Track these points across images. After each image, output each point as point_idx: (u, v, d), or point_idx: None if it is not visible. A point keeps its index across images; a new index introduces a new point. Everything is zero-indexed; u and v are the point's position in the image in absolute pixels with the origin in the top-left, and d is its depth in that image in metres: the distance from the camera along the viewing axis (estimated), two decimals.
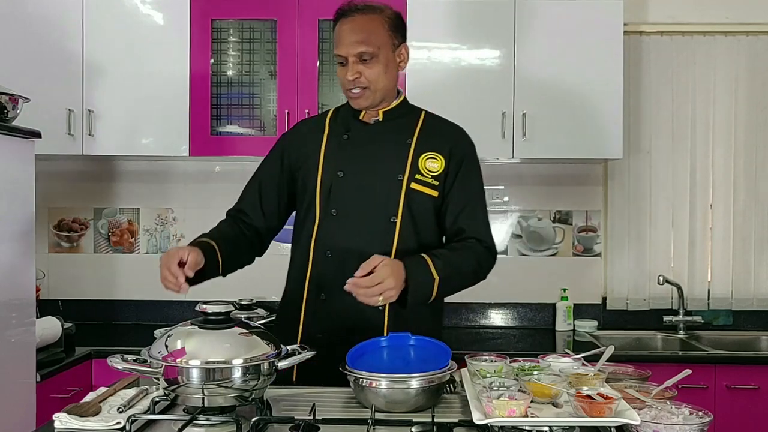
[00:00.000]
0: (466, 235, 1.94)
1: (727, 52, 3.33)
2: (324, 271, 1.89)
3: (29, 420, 2.33)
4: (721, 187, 3.35)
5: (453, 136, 1.99)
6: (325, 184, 1.91)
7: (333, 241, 1.89)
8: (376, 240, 1.87)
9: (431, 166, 1.92)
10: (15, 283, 2.32)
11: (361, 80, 1.87)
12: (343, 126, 1.98)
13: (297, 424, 1.41)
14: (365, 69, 1.87)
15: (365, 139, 1.95)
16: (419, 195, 1.90)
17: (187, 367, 1.42)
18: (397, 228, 1.88)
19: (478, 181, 1.99)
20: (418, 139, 1.94)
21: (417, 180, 1.90)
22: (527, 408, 1.37)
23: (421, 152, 1.92)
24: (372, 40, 1.86)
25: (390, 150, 1.93)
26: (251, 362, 1.44)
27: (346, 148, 1.94)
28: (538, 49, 3.00)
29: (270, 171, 2.02)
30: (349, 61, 1.87)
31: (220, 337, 1.48)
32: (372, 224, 1.89)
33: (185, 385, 1.42)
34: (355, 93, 1.90)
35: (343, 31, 1.87)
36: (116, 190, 3.42)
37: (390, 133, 1.95)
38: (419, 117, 2.00)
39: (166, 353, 1.44)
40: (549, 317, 3.37)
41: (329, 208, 1.90)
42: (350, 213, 1.89)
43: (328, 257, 1.89)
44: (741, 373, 2.74)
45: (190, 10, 3.00)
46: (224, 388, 1.43)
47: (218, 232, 1.93)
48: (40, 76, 2.96)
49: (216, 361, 1.42)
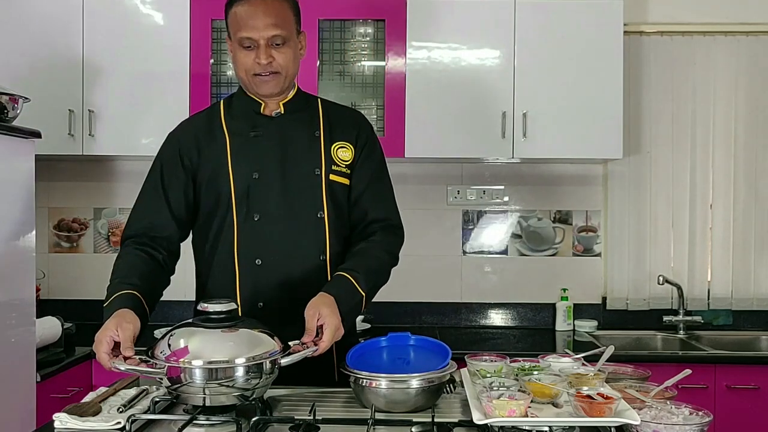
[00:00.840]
0: (370, 218, 1.88)
1: (727, 52, 3.33)
2: (257, 280, 1.79)
3: (29, 420, 2.33)
4: (721, 187, 3.35)
5: (356, 122, 1.94)
6: (240, 188, 1.80)
7: (262, 248, 1.79)
8: (308, 239, 1.81)
9: (343, 155, 1.87)
10: (15, 283, 2.32)
11: (274, 65, 1.78)
12: (245, 122, 1.86)
13: (297, 424, 1.41)
14: (277, 53, 1.78)
15: (273, 134, 1.85)
16: (338, 186, 1.85)
17: (189, 367, 1.41)
18: (326, 223, 1.83)
19: (378, 159, 1.93)
20: (325, 130, 1.88)
21: (334, 171, 1.85)
22: (527, 408, 1.37)
23: (332, 142, 1.87)
24: (285, 24, 1.78)
25: (302, 144, 1.85)
26: (253, 361, 1.43)
27: (256, 147, 1.83)
28: (539, 49, 3.00)
29: (171, 176, 1.84)
30: (260, 45, 1.76)
31: (222, 336, 1.47)
32: (301, 224, 1.81)
33: (188, 384, 1.41)
34: (264, 78, 1.79)
35: (254, 13, 1.76)
36: (116, 190, 3.42)
37: (297, 126, 1.87)
38: (317, 106, 1.93)
39: (169, 353, 1.44)
40: (549, 317, 3.37)
41: (250, 213, 1.79)
42: (275, 216, 1.80)
43: (258, 265, 1.79)
44: (741, 373, 2.74)
45: (190, 10, 3.00)
46: (226, 387, 1.42)
47: (136, 275, 1.73)
48: (41, 77, 2.96)
49: (218, 360, 1.41)
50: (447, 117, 3.01)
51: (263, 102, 1.87)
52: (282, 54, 1.79)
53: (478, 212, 3.42)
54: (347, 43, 3.05)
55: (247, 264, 1.80)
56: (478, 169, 3.40)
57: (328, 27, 3.02)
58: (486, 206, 3.42)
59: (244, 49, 1.79)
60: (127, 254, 1.80)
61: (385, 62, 3.02)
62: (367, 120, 1.99)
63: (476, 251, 3.42)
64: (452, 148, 3.03)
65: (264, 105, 1.87)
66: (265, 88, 1.83)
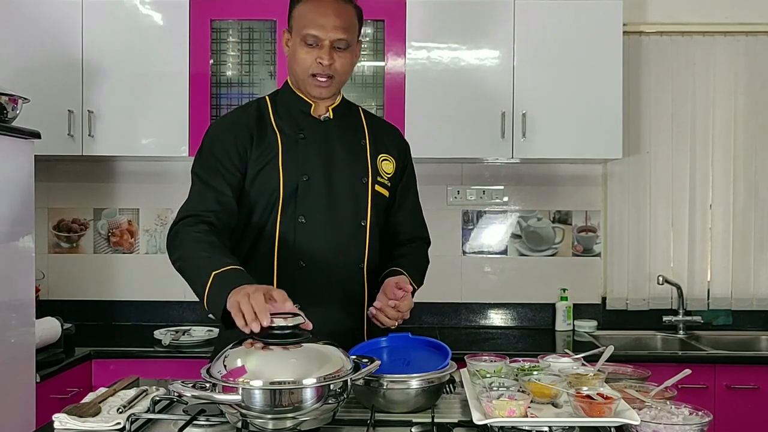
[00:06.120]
0: (413, 235, 2.00)
1: (727, 53, 3.33)
2: (296, 283, 1.75)
3: (29, 420, 2.32)
4: (721, 187, 3.35)
5: (397, 136, 2.00)
6: (289, 188, 1.77)
7: (306, 251, 1.77)
8: (350, 246, 1.82)
9: (387, 167, 1.91)
10: (14, 283, 2.32)
11: (334, 67, 1.77)
12: (294, 122, 1.83)
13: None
14: (339, 57, 1.77)
15: (321, 138, 1.83)
16: (380, 197, 1.89)
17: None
18: (367, 232, 1.85)
19: (415, 180, 2.05)
20: (370, 140, 1.90)
21: (378, 182, 1.88)
22: (527, 408, 1.37)
23: (377, 154, 1.90)
24: (351, 29, 1.78)
25: (348, 151, 1.85)
26: (324, 381, 1.32)
27: (306, 149, 1.81)
28: (538, 49, 3.00)
29: (229, 161, 1.75)
30: (325, 45, 1.75)
31: (289, 353, 1.35)
32: (344, 230, 1.81)
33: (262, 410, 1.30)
34: (322, 81, 1.78)
35: (324, 12, 1.74)
36: (116, 190, 3.42)
37: (343, 132, 1.87)
38: (360, 115, 1.95)
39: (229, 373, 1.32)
40: (548, 317, 3.37)
41: (296, 215, 1.77)
42: (320, 220, 1.79)
43: (302, 267, 1.77)
44: (740, 373, 2.74)
45: (189, 11, 3.00)
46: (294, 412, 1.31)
47: (225, 253, 1.63)
48: (40, 77, 2.96)
49: (284, 381, 1.30)
50: (447, 117, 3.01)
51: (314, 103, 1.86)
52: (342, 59, 1.79)
53: (478, 212, 3.42)
54: None
55: (288, 266, 1.78)
56: (477, 169, 3.40)
57: None
58: (486, 206, 3.42)
59: (307, 46, 1.77)
60: (204, 233, 1.64)
61: (384, 62, 3.02)
62: (403, 136, 2.07)
63: (476, 251, 3.42)
64: (452, 148, 3.03)
65: (314, 106, 1.86)
66: (319, 91, 1.81)
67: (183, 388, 1.32)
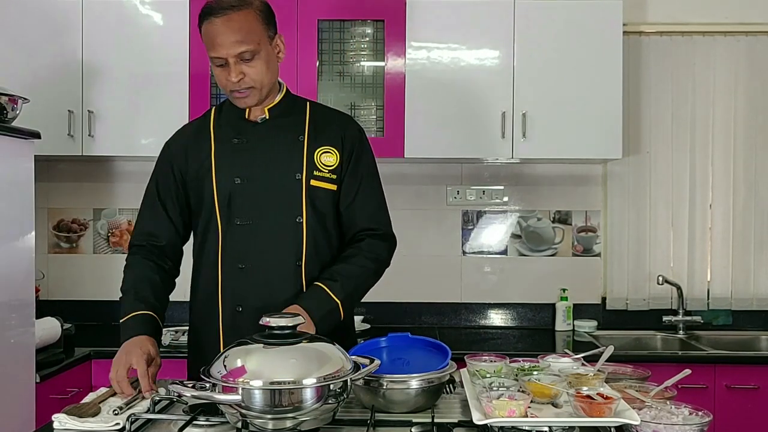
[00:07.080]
0: (359, 227, 1.90)
1: (727, 52, 3.33)
2: (238, 284, 1.84)
3: (29, 421, 2.32)
4: (721, 187, 3.35)
5: (342, 125, 1.94)
6: (223, 193, 1.85)
7: (244, 253, 1.84)
8: (286, 244, 1.84)
9: (327, 160, 1.88)
10: (15, 283, 2.32)
11: (246, 80, 1.79)
12: (230, 128, 1.89)
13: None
14: (248, 68, 1.78)
15: (256, 140, 1.87)
16: (320, 191, 1.86)
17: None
18: (303, 228, 1.84)
19: (368, 165, 1.94)
20: (310, 134, 1.89)
21: (316, 176, 1.86)
22: (527, 408, 1.37)
23: (315, 147, 1.88)
24: (251, 37, 1.76)
25: (283, 149, 1.87)
26: (324, 381, 1.32)
27: (239, 153, 1.86)
28: (538, 49, 3.00)
29: (165, 184, 1.92)
30: (229, 62, 1.76)
31: (289, 353, 1.36)
32: (279, 228, 1.84)
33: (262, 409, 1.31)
34: (241, 94, 1.81)
35: (218, 32, 1.75)
36: (116, 190, 3.42)
37: (281, 131, 1.88)
38: (305, 110, 1.94)
39: (225, 372, 1.34)
40: (548, 317, 3.37)
41: (232, 218, 1.84)
42: (255, 220, 1.84)
43: (241, 269, 1.84)
44: (740, 373, 2.74)
45: (189, 10, 3.00)
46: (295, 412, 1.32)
47: (148, 288, 1.84)
48: (40, 77, 2.96)
49: (284, 381, 1.31)
50: (446, 117, 3.01)
51: (248, 108, 1.89)
52: (253, 68, 1.79)
53: (478, 212, 3.42)
54: (347, 44, 3.05)
55: (229, 268, 1.86)
56: (477, 169, 3.40)
57: (327, 27, 3.02)
58: (485, 206, 3.42)
59: (217, 67, 1.81)
60: (137, 264, 1.91)
61: (384, 62, 3.02)
62: (357, 124, 1.99)
63: (476, 251, 3.42)
64: (452, 149, 3.03)
65: (249, 111, 1.89)
66: (242, 103, 1.86)
67: (183, 388, 1.33)
